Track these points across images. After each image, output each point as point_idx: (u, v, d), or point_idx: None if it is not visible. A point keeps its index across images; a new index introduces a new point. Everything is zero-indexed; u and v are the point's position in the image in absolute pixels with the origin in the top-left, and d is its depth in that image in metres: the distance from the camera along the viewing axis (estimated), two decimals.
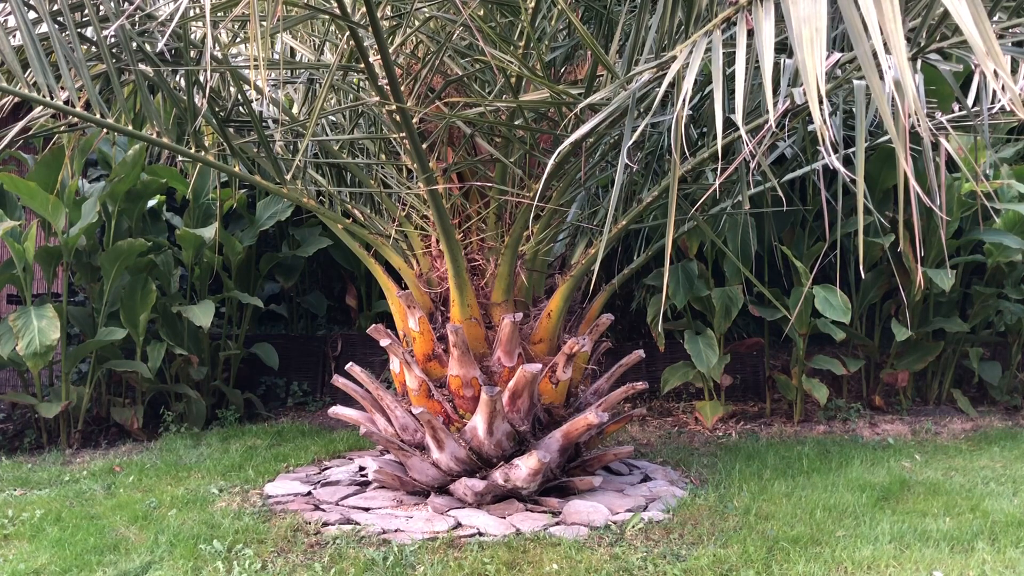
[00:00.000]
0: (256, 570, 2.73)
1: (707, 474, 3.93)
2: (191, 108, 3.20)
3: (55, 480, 4.01)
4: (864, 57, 1.57)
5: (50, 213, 4.61)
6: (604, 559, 2.79)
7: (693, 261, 5.03)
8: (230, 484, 3.81)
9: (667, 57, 2.21)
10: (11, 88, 2.97)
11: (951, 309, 5.36)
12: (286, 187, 3.37)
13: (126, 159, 4.76)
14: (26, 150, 5.38)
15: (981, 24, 1.42)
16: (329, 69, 2.91)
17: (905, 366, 5.27)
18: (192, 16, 2.78)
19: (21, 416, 5.29)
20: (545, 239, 3.49)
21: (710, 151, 3.05)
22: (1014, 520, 3.12)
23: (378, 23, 2.53)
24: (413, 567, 2.74)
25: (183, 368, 5.19)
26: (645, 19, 2.54)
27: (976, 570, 2.63)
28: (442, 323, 3.52)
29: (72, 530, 3.15)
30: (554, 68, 3.21)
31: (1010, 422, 5.12)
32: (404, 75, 3.21)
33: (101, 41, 2.96)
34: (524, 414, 3.34)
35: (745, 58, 1.88)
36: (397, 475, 3.51)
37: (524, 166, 3.38)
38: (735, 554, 2.78)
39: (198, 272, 5.33)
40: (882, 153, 4.79)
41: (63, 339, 4.68)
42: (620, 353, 4.16)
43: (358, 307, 6.20)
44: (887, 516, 3.22)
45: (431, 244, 3.65)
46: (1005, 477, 3.82)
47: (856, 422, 5.06)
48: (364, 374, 3.63)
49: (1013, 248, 4.86)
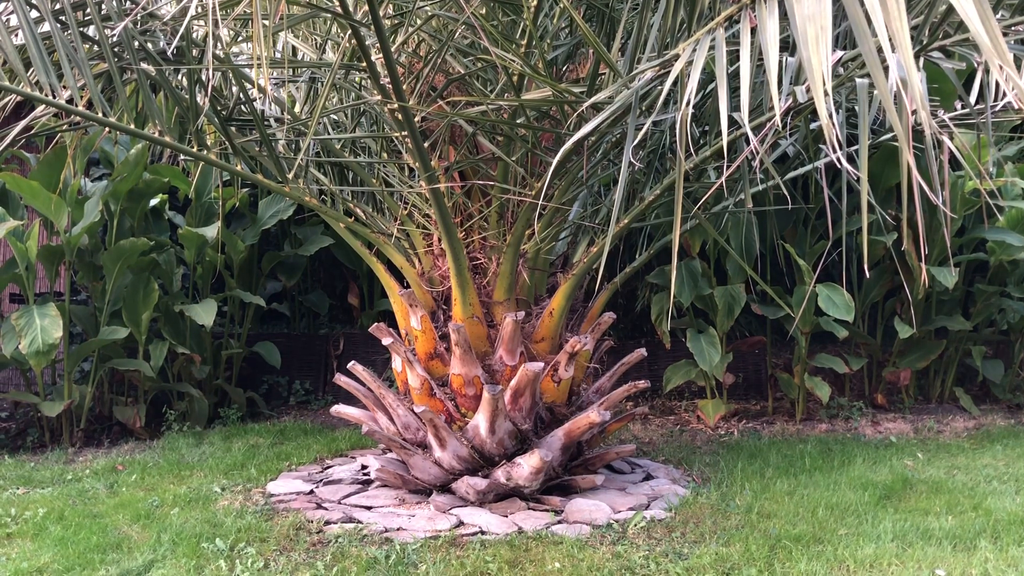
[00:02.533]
0: (258, 568, 2.73)
1: (709, 472, 3.92)
2: (193, 107, 3.20)
3: (58, 479, 4.02)
4: (869, 55, 1.56)
5: (52, 212, 4.61)
6: (606, 557, 2.79)
7: (696, 259, 5.03)
8: (232, 483, 3.82)
9: (670, 55, 2.21)
10: (14, 87, 2.97)
11: (954, 307, 5.36)
12: (288, 186, 3.37)
13: (128, 158, 4.76)
14: (28, 149, 5.39)
15: (987, 21, 1.41)
16: (331, 68, 2.91)
17: (908, 364, 5.26)
18: (196, 15, 2.78)
19: (24, 415, 5.30)
20: (547, 238, 3.49)
21: (712, 149, 3.05)
22: (1017, 518, 3.12)
23: (380, 21, 2.53)
24: (415, 565, 2.75)
25: (185, 367, 5.20)
26: (647, 17, 2.54)
27: (979, 568, 2.63)
28: (444, 322, 3.52)
29: (75, 529, 3.16)
30: (556, 67, 3.21)
31: (1012, 420, 5.12)
32: (406, 74, 3.21)
33: (103, 40, 2.96)
34: (526, 413, 3.34)
35: (748, 56, 1.88)
36: (399, 474, 3.51)
37: (526, 165, 3.37)
38: (737, 552, 2.78)
39: (200, 271, 5.33)
40: (884, 151, 4.78)
41: (65, 338, 4.69)
42: (623, 352, 4.16)
43: (360, 306, 6.20)
44: (889, 514, 3.22)
45: (433, 243, 3.65)
46: (1008, 475, 3.82)
47: (858, 420, 5.06)
48: (366, 373, 3.63)
49: (1016, 246, 4.85)
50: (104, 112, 3.04)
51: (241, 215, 5.61)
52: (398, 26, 3.17)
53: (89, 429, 4.98)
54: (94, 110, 3.03)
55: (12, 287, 5.46)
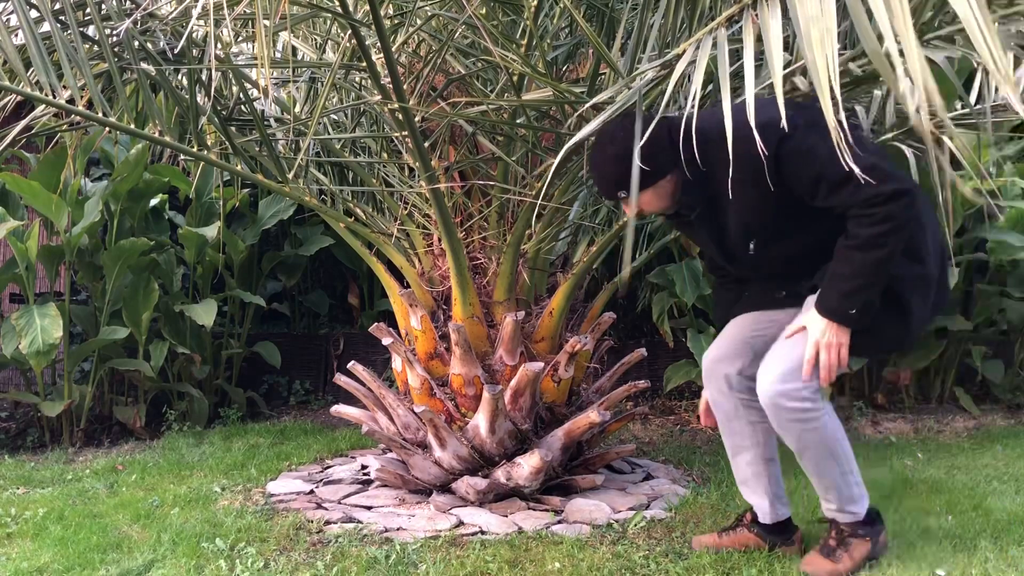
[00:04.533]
0: (258, 568, 2.73)
1: (709, 472, 3.92)
2: (193, 107, 3.20)
3: (58, 479, 4.02)
4: (875, 55, 1.56)
5: (52, 212, 4.61)
6: (606, 557, 2.79)
7: (696, 259, 5.03)
8: (232, 483, 3.82)
9: (671, 55, 2.21)
10: (14, 87, 2.97)
11: (954, 307, 5.35)
12: (288, 186, 3.37)
13: (128, 158, 4.76)
14: (28, 149, 5.39)
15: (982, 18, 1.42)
16: (331, 68, 2.91)
17: (908, 364, 5.26)
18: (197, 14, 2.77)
19: (24, 415, 5.30)
20: (547, 237, 3.49)
21: None
22: (1017, 518, 3.12)
23: (381, 21, 2.53)
24: (415, 565, 2.74)
25: (185, 367, 5.20)
26: (647, 17, 2.54)
27: (979, 568, 2.63)
28: (444, 321, 3.52)
29: (75, 528, 3.16)
30: (556, 66, 3.21)
31: (1013, 420, 5.12)
32: (406, 74, 3.21)
33: (103, 40, 2.96)
34: (526, 412, 3.34)
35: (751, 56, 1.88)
36: (399, 473, 3.51)
37: (526, 164, 3.37)
38: (737, 552, 2.78)
39: (200, 271, 5.33)
40: None
41: (65, 338, 4.69)
42: (623, 351, 4.16)
43: (360, 306, 6.20)
44: (889, 514, 3.21)
45: (433, 243, 3.65)
46: (1008, 475, 3.82)
47: (858, 420, 5.06)
48: (366, 373, 3.63)
49: (1016, 246, 4.85)
50: (104, 112, 3.04)
51: (241, 215, 5.61)
52: (398, 26, 3.17)
53: (89, 429, 4.98)
54: (94, 110, 3.03)
55: (12, 287, 5.46)
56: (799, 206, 2.37)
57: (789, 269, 2.57)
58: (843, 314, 2.35)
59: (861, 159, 2.04)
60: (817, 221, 2.38)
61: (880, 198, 2.20)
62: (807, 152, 2.25)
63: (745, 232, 2.48)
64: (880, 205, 2.21)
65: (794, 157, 2.27)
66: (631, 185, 2.28)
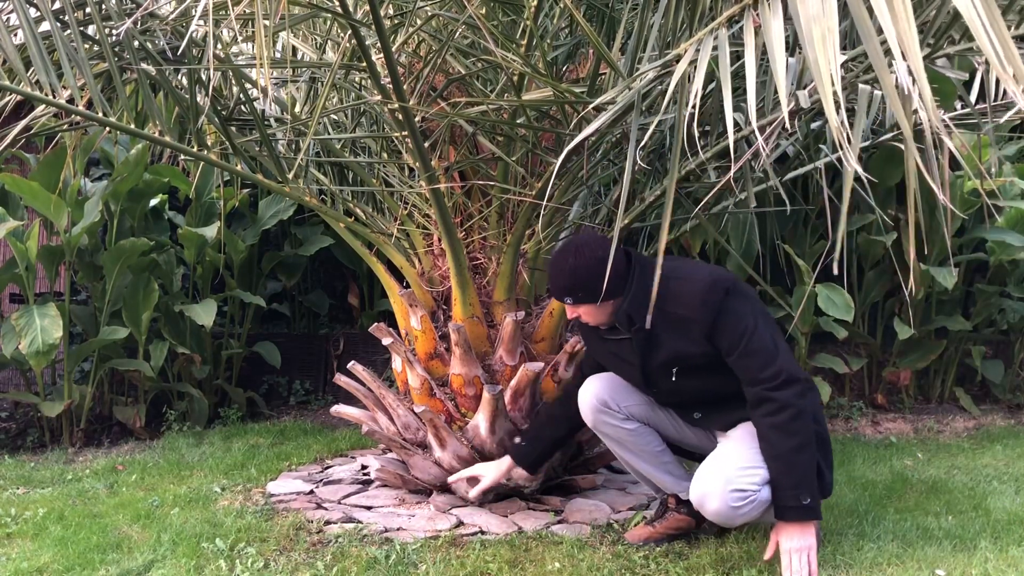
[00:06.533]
0: (258, 568, 2.73)
1: None
2: (193, 107, 3.20)
3: (58, 479, 4.02)
4: (876, 57, 1.56)
5: (52, 212, 4.61)
6: (606, 557, 2.79)
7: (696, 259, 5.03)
8: (232, 483, 3.82)
9: (671, 56, 2.21)
10: (14, 87, 2.97)
11: (953, 307, 5.36)
12: (288, 186, 3.37)
13: (128, 158, 4.76)
14: (28, 149, 5.39)
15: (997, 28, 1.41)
16: (331, 68, 2.91)
17: (907, 364, 5.26)
18: (197, 15, 2.77)
19: (24, 415, 5.30)
20: (547, 237, 3.49)
21: (714, 150, 3.05)
22: (1016, 518, 3.12)
23: (381, 21, 2.53)
24: (415, 565, 2.75)
25: (185, 367, 5.20)
26: (648, 17, 2.54)
27: (979, 568, 2.63)
28: (444, 322, 3.52)
29: (75, 528, 3.16)
30: (556, 66, 3.21)
31: (1012, 420, 5.12)
32: (406, 74, 3.21)
33: (103, 40, 2.96)
34: (526, 413, 3.34)
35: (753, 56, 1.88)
36: (399, 474, 3.51)
37: (526, 164, 3.37)
38: (737, 552, 2.78)
39: (200, 271, 5.33)
40: (884, 152, 4.78)
41: (65, 338, 4.69)
42: None
43: (360, 306, 6.19)
44: (889, 514, 3.22)
45: (433, 243, 3.65)
46: (1007, 475, 3.82)
47: (858, 420, 5.06)
48: (366, 373, 3.63)
49: (1016, 246, 4.85)
50: (104, 112, 3.04)
51: (241, 215, 5.61)
52: (398, 26, 3.17)
53: (89, 429, 4.98)
54: (94, 110, 3.03)
55: (12, 287, 5.46)
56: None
57: (706, 398, 2.77)
58: (802, 510, 2.49)
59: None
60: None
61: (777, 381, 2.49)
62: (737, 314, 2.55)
63: (673, 360, 2.66)
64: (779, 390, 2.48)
65: (729, 315, 2.54)
66: (578, 297, 2.63)
